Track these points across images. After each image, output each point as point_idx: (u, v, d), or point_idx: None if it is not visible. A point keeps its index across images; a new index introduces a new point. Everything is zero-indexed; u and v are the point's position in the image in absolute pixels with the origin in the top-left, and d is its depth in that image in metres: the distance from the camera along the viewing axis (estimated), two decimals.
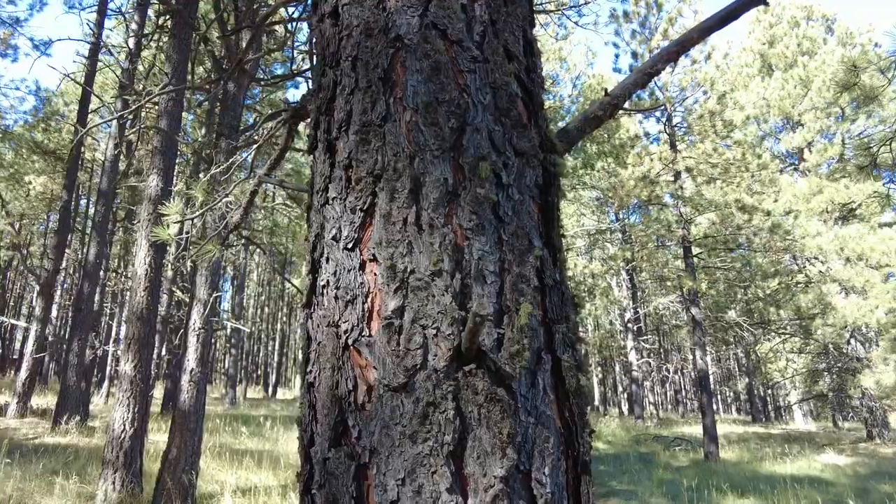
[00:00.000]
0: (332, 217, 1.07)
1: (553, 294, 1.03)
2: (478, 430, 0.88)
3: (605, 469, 12.75)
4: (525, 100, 1.14)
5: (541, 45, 14.70)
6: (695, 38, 1.26)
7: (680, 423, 24.09)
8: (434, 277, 0.94)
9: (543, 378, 0.95)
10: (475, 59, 1.09)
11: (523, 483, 0.87)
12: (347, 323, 1.00)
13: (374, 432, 0.91)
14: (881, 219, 20.44)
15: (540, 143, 1.13)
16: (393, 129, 1.05)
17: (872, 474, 12.85)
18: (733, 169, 14.79)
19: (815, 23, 21.33)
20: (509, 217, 1.01)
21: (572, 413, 0.97)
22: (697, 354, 14.16)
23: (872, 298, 17.59)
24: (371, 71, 1.09)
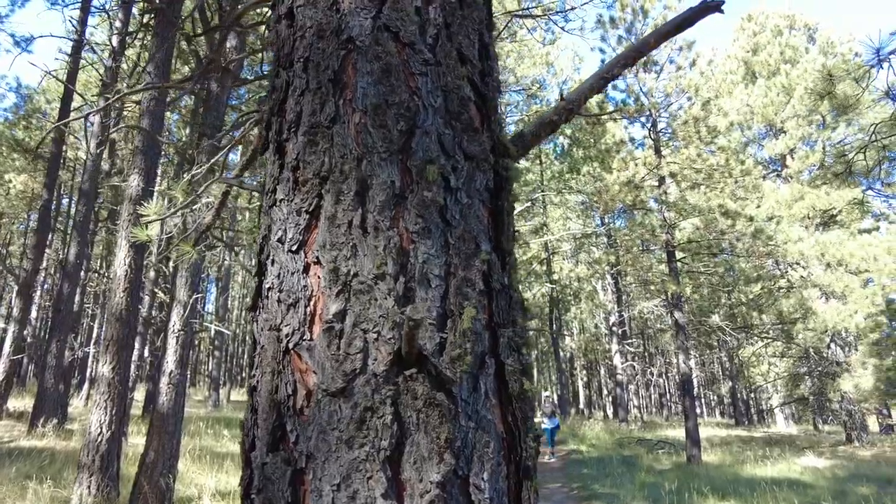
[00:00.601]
0: (279, 219, 1.06)
1: (500, 298, 1.02)
2: (416, 435, 0.87)
3: (588, 472, 12.78)
4: (478, 103, 1.14)
5: (528, 49, 14.80)
6: (652, 44, 1.27)
7: (664, 426, 24.23)
8: (377, 281, 0.93)
9: (486, 382, 0.94)
10: (427, 62, 1.08)
11: (461, 488, 0.87)
12: (289, 326, 0.98)
13: (311, 437, 0.90)
14: (861, 225, 20.78)
15: (492, 148, 1.13)
16: (341, 130, 1.04)
17: (850, 477, 13.00)
18: (717, 174, 14.95)
19: (798, 32, 21.66)
20: (457, 221, 1.01)
21: (515, 418, 0.97)
22: (680, 358, 14.27)
23: (852, 303, 17.85)
24: (321, 72, 1.08)
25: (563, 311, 26.47)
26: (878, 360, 16.89)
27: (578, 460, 14.56)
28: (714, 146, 15.55)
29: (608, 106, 16.45)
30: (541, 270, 24.04)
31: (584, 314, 24.15)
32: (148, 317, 15.36)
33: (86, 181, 13.05)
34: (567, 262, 25.48)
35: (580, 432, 18.65)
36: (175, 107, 18.64)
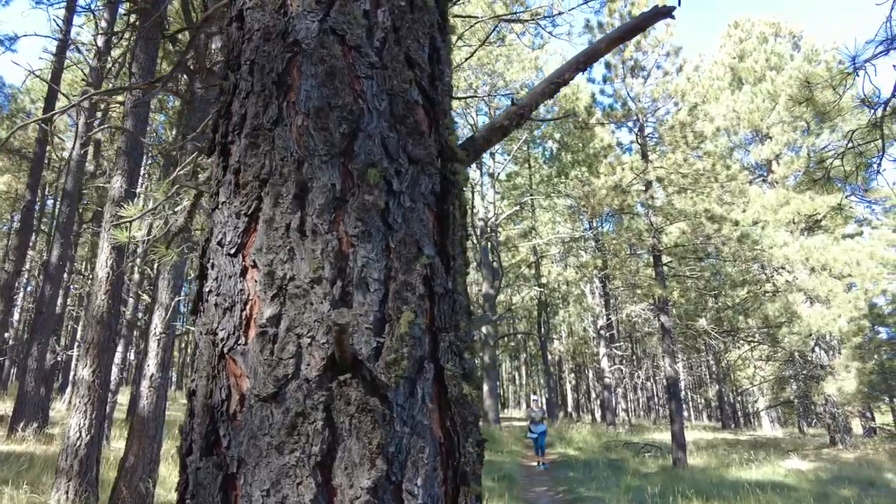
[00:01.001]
0: (220, 222, 1.06)
1: (443, 302, 1.02)
2: (348, 440, 0.86)
3: (574, 476, 12.80)
4: (426, 107, 1.13)
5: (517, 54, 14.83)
6: (603, 49, 1.27)
7: (651, 429, 24.35)
8: (313, 285, 0.93)
9: (424, 387, 0.94)
10: (373, 66, 1.08)
11: (394, 494, 0.86)
12: (224, 331, 0.98)
13: (243, 442, 0.89)
14: (844, 230, 21.03)
15: (439, 152, 1.12)
16: (283, 133, 1.03)
17: (833, 479, 13.12)
18: (703, 179, 15.07)
19: (783, 39, 21.93)
20: (398, 224, 1.00)
21: (454, 423, 0.96)
22: (667, 362, 14.35)
23: (835, 307, 18.04)
24: (266, 75, 1.08)
25: (552, 315, 26.55)
26: (860, 363, 17.08)
27: (565, 463, 14.58)
28: (700, 151, 15.68)
29: (596, 111, 16.56)
30: (529, 274, 24.12)
31: (573, 317, 24.23)
32: (132, 319, 15.21)
33: (69, 182, 12.91)
34: (556, 266, 25.56)
35: (567, 436, 18.69)
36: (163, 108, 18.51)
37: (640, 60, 15.91)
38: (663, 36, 15.92)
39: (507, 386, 42.75)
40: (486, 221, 20.81)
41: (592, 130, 17.18)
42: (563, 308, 24.87)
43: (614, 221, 19.40)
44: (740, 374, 23.52)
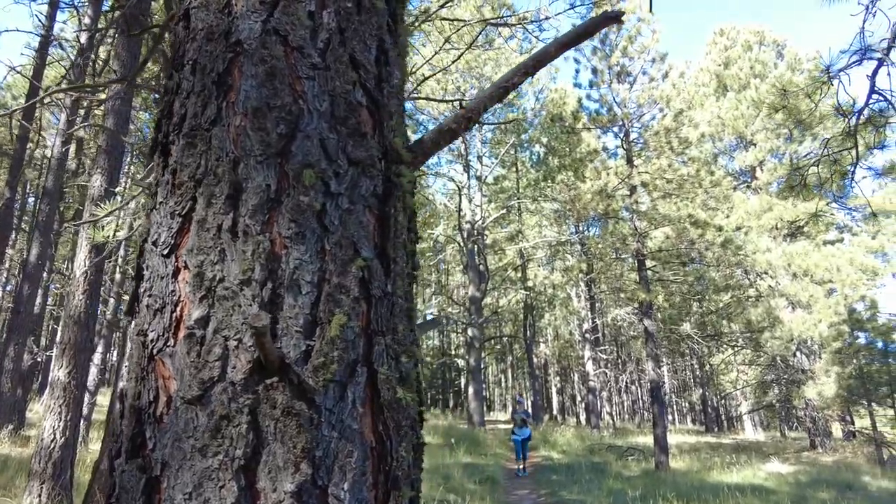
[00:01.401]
0: (156, 222, 1.05)
1: (381, 305, 1.02)
2: (273, 444, 0.85)
3: (557, 479, 12.83)
4: (371, 109, 1.13)
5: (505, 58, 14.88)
6: (552, 53, 1.28)
7: (635, 432, 24.48)
8: (243, 287, 0.92)
9: (355, 391, 0.93)
10: (315, 66, 1.08)
11: (319, 499, 0.85)
12: (154, 332, 0.96)
13: (168, 445, 0.88)
14: (826, 236, 21.31)
15: (383, 153, 1.12)
16: (220, 133, 1.02)
17: (812, 482, 13.27)
18: (687, 185, 15.21)
19: (767, 48, 22.21)
20: (335, 226, 1.00)
21: (387, 427, 0.96)
22: (650, 365, 14.44)
23: (816, 313, 18.27)
24: (206, 75, 1.07)
25: (538, 318, 26.63)
26: (840, 367, 17.30)
27: (548, 466, 14.60)
28: (685, 157, 15.83)
29: (583, 116, 16.65)
30: (516, 277, 24.17)
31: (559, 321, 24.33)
32: (113, 319, 15.02)
33: (50, 180, 12.74)
34: (542, 269, 25.65)
35: (552, 438, 18.73)
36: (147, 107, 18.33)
37: (626, 66, 16.03)
38: (649, 42, 16.06)
39: (493, 389, 42.81)
40: (472, 224, 20.83)
41: (579, 135, 17.27)
42: (549, 311, 24.96)
43: (600, 226, 19.52)
44: (723, 378, 23.76)
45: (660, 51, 15.99)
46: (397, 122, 1.20)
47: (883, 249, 19.49)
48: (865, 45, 4.99)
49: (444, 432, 17.16)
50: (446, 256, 28.73)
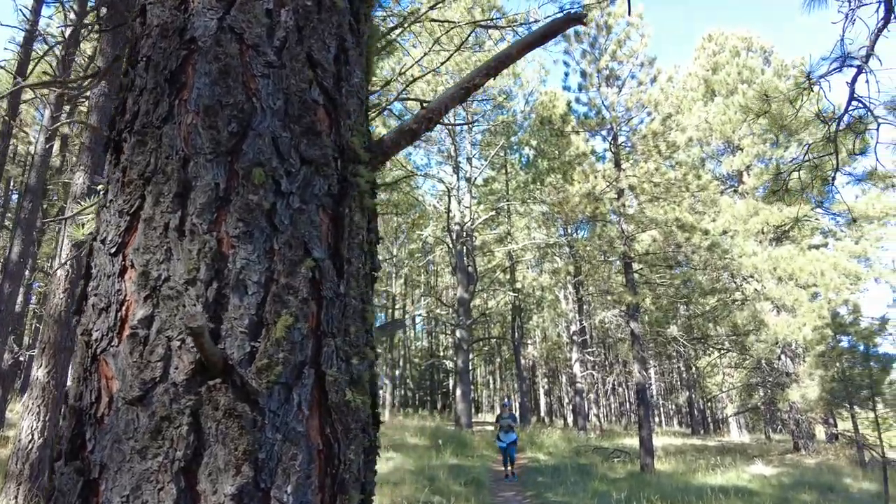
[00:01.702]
0: (105, 220, 1.03)
1: (332, 307, 1.01)
2: (214, 446, 0.84)
3: (543, 480, 12.85)
4: (328, 108, 1.12)
5: None
6: (514, 55, 1.28)
7: (622, 434, 24.59)
8: (188, 286, 0.91)
9: (301, 393, 0.92)
10: (271, 65, 1.07)
11: (261, 501, 0.84)
12: (99, 331, 0.95)
13: (107, 447, 0.86)
14: (811, 241, 21.55)
15: (339, 153, 1.11)
16: (170, 131, 1.01)
17: (794, 484, 13.39)
18: (675, 189, 15.31)
19: (755, 54, 22.44)
20: (284, 226, 0.99)
21: (335, 430, 0.95)
22: (636, 368, 14.51)
23: (800, 316, 18.45)
24: (160, 72, 1.05)
25: (526, 320, 26.69)
26: (823, 371, 17.47)
27: (535, 468, 14.63)
28: (673, 161, 15.94)
29: (572, 119, 16.72)
30: (504, 279, 24.22)
31: (547, 322, 24.41)
32: None
33: (33, 177, 12.58)
34: (531, 271, 25.71)
35: (538, 440, 18.76)
36: None
37: (615, 70, 16.12)
38: (638, 46, 16.16)
39: (481, 390, 42.83)
40: (462, 226, 20.85)
41: (568, 138, 17.33)
42: (538, 313, 25.05)
43: (588, 228, 19.61)
44: (709, 380, 23.92)
45: (648, 55, 16.10)
46: (357, 122, 1.19)
47: (866, 254, 19.74)
48: (845, 53, 5.05)
49: (431, 434, 17.14)
50: (435, 258, 28.73)
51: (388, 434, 17.18)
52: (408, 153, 23.64)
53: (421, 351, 39.18)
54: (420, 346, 40.75)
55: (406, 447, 14.93)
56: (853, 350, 15.74)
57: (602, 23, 16.35)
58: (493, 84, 19.73)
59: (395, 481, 10.15)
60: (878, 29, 4.66)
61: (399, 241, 26.89)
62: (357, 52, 1.24)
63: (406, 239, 27.22)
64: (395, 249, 26.61)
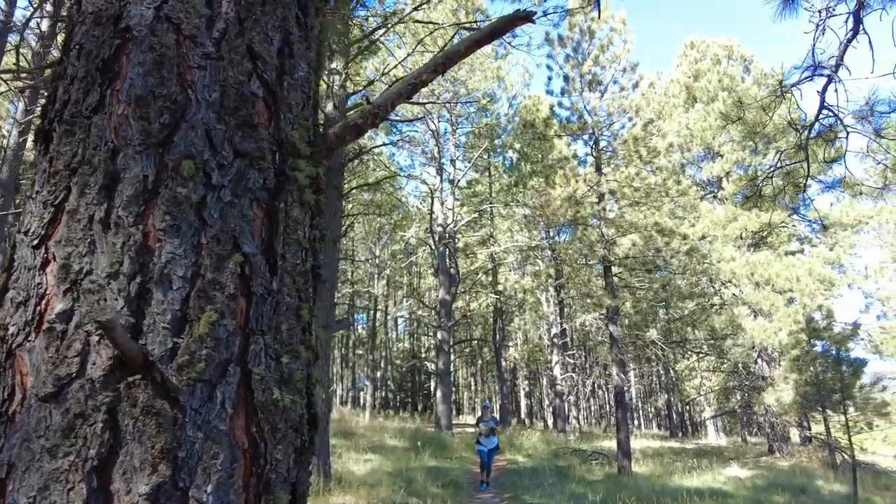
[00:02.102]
0: (29, 211, 1.00)
1: (263, 304, 0.99)
2: (131, 444, 0.82)
3: (520, 482, 12.87)
4: (268, 101, 1.10)
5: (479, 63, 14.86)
6: (462, 52, 1.27)
7: (601, 436, 24.75)
8: (110, 280, 0.88)
9: (225, 391, 0.90)
10: (208, 56, 1.05)
11: (179, 501, 0.82)
12: (15, 326, 0.92)
13: (16, 445, 0.83)
14: (788, 247, 21.92)
15: (278, 146, 1.09)
16: (100, 121, 0.98)
17: (768, 486, 13.58)
18: (654, 194, 15.46)
19: (735, 62, 22.79)
20: (214, 220, 0.97)
21: (261, 429, 0.93)
22: (614, 370, 14.61)
23: (777, 321, 18.75)
24: (92, 60, 1.03)
25: (508, 322, 26.76)
26: (797, 375, 17.76)
27: (513, 470, 14.65)
28: (653, 166, 16.10)
29: (554, 123, 16.81)
30: (486, 281, 24.26)
31: (528, 325, 24.51)
32: None
33: (5, 171, 12.30)
34: (513, 274, 25.78)
35: (518, 442, 18.80)
36: None
37: (597, 75, 16.24)
38: (621, 52, 16.31)
39: (462, 392, 42.86)
40: (444, 228, 20.84)
41: (551, 142, 17.42)
42: (519, 315, 25.13)
43: (570, 232, 19.74)
44: (688, 384, 24.17)
45: (631, 61, 16.25)
46: (300, 115, 1.17)
47: (839, 261, 20.13)
48: (816, 62, 5.14)
49: (411, 435, 17.10)
50: (418, 259, 28.69)
51: (367, 436, 17.10)
52: (391, 154, 23.61)
53: (403, 352, 39.06)
54: (402, 347, 40.62)
55: (385, 449, 14.87)
56: (826, 354, 16.00)
57: (585, 28, 16.47)
58: (477, 86, 19.77)
59: (372, 483, 10.10)
60: (847, 40, 4.74)
61: (382, 242, 26.80)
62: (304, 45, 1.22)
63: (389, 240, 27.14)
64: (377, 250, 26.52)
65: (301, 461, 1.01)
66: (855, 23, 4.69)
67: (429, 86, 19.74)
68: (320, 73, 1.35)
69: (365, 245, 28.98)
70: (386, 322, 34.19)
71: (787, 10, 4.86)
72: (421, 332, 36.13)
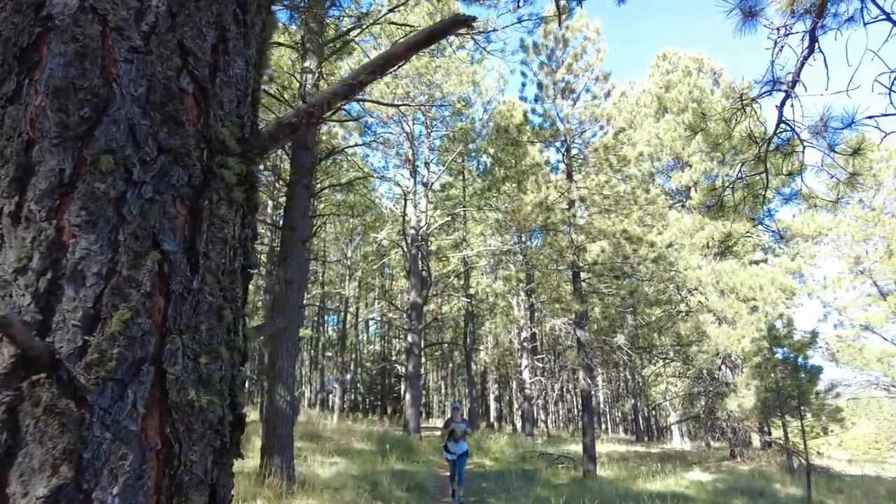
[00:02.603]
0: None
1: (182, 303, 0.97)
2: (31, 445, 0.80)
3: (486, 486, 12.91)
4: (198, 97, 1.09)
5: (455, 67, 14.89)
6: (401, 54, 1.27)
7: (568, 440, 24.99)
8: (17, 276, 0.86)
9: (136, 391, 0.89)
10: (135, 49, 1.03)
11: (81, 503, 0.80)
12: None
13: None
14: (753, 256, 22.52)
15: (206, 144, 1.08)
16: (15, 112, 0.96)
17: (728, 490, 13.88)
18: (624, 201, 15.72)
19: (705, 74, 23.35)
20: (133, 216, 0.95)
21: (176, 430, 0.91)
22: (581, 375, 14.78)
23: (740, 328, 19.22)
24: (9, 48, 1.00)
25: (479, 326, 26.85)
26: (759, 381, 18.24)
27: (479, 473, 14.69)
28: (623, 174, 16.37)
29: (528, 129, 16.96)
30: (458, 284, 24.30)
31: (499, 329, 24.66)
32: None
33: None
34: (485, 278, 25.90)
35: (485, 445, 18.85)
36: None
37: (571, 83, 16.44)
38: (594, 61, 16.55)
39: (432, 395, 42.80)
40: (417, 230, 20.82)
41: (524, 147, 17.58)
42: (490, 319, 25.27)
43: (541, 237, 19.93)
44: (654, 389, 24.59)
45: (604, 70, 16.49)
46: (233, 112, 1.15)
47: (800, 270, 20.74)
48: (775, 78, 5.30)
49: (379, 439, 17.00)
50: (391, 261, 28.59)
51: (334, 439, 16.94)
52: (365, 155, 23.51)
53: (373, 355, 38.82)
54: (373, 350, 40.38)
55: (352, 452, 14.75)
56: (786, 361, 16.48)
57: (560, 36, 16.67)
58: (452, 90, 19.82)
59: (336, 486, 9.99)
60: (804, 58, 4.90)
61: (354, 244, 26.64)
62: (241, 42, 1.21)
63: (361, 241, 26.98)
64: (349, 251, 26.34)
65: (221, 463, 0.99)
66: (810, 41, 4.86)
67: (405, 88, 19.73)
68: (262, 71, 1.33)
69: (337, 246, 28.75)
70: (357, 324, 33.94)
71: (747, 26, 5.01)
72: (392, 334, 35.98)
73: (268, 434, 9.15)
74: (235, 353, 1.08)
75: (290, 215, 9.98)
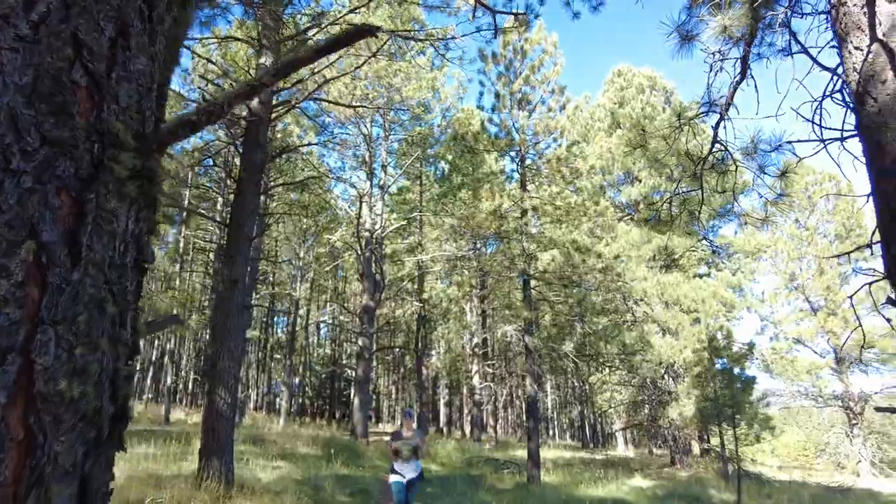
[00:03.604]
0: None
1: (60, 294, 0.97)
2: None
3: (431, 491, 12.92)
4: (91, 90, 1.09)
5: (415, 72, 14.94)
6: (304, 59, 1.31)
7: (516, 446, 25.28)
8: None
9: (0, 381, 0.88)
10: (23, 38, 1.02)
11: None
12: None
13: None
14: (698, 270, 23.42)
15: (99, 137, 1.08)
16: None
17: (667, 496, 14.33)
18: (574, 212, 16.11)
19: (658, 93, 24.22)
20: (10, 206, 0.94)
21: (41, 420, 0.91)
22: (528, 381, 15.00)
23: (682, 339, 19.93)
24: None
25: (431, 331, 26.92)
26: (699, 390, 18.95)
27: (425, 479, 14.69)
28: (575, 185, 16.78)
29: (485, 138, 17.18)
30: (412, 288, 24.32)
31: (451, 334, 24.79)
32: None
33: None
34: (439, 283, 25.99)
35: (433, 451, 18.87)
36: None
37: (527, 94, 16.76)
38: (551, 74, 16.93)
39: (383, 400, 42.52)
40: (372, 233, 20.73)
41: (481, 156, 17.80)
42: (443, 324, 25.37)
43: (495, 244, 20.18)
44: (600, 396, 25.18)
45: (560, 83, 16.88)
46: (131, 108, 1.16)
47: (740, 285, 21.69)
48: (711, 100, 5.60)
49: (325, 443, 16.78)
50: (344, 263, 28.32)
51: (279, 443, 16.62)
52: (322, 155, 23.26)
53: (323, 358, 38.29)
54: (323, 353, 39.82)
55: (296, 456, 14.50)
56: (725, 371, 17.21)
57: (518, 47, 16.98)
58: (412, 95, 19.89)
59: (277, 490, 9.81)
60: (736, 83, 5.20)
61: (307, 244, 26.28)
62: (144, 38, 1.21)
63: (315, 242, 26.65)
64: (302, 252, 25.96)
65: (97, 455, 0.99)
66: (742, 67, 5.16)
67: (363, 90, 19.67)
68: (171, 68, 1.34)
69: (289, 246, 28.28)
70: (307, 326, 33.42)
71: (683, 49, 5.28)
72: (343, 338, 35.60)
73: (207, 436, 8.92)
74: (121, 346, 1.08)
75: (237, 212, 9.79)
